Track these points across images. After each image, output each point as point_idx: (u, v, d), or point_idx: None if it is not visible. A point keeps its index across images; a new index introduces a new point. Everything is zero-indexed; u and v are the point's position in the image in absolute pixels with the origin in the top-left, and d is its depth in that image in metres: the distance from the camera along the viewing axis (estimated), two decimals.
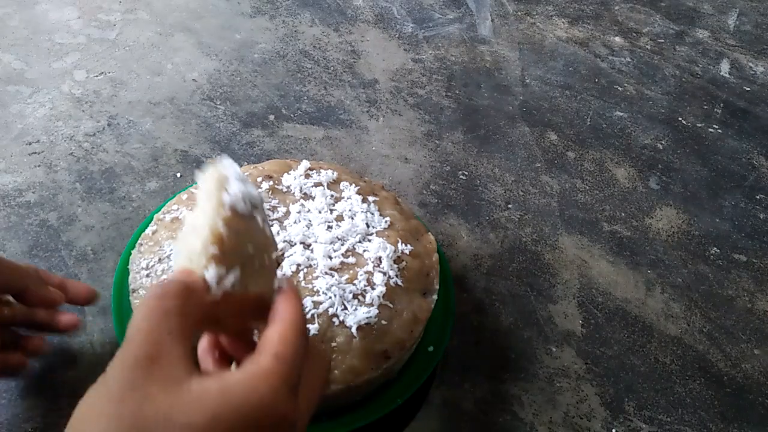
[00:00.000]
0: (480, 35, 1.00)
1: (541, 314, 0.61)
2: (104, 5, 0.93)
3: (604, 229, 0.71)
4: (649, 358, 0.59)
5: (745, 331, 0.63)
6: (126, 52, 0.85)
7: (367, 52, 0.92)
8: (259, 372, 0.25)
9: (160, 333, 0.24)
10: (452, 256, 0.65)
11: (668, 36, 1.06)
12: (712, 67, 1.00)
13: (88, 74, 0.81)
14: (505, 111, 0.86)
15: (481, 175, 0.75)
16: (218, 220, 0.29)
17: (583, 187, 0.76)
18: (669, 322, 0.63)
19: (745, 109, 0.92)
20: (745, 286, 0.67)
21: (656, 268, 0.68)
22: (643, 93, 0.92)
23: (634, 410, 0.55)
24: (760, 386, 0.58)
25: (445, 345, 0.52)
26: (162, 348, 0.24)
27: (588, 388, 0.56)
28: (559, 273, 0.65)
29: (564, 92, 0.91)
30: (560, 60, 0.97)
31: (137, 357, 0.24)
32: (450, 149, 0.78)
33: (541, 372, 0.56)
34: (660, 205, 0.75)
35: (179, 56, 0.86)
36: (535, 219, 0.71)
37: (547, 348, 0.58)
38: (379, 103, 0.84)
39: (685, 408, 0.56)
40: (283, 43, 0.91)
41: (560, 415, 0.53)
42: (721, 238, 0.72)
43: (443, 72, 0.91)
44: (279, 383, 0.25)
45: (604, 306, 0.63)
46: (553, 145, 0.81)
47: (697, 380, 0.58)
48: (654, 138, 0.85)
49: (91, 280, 0.57)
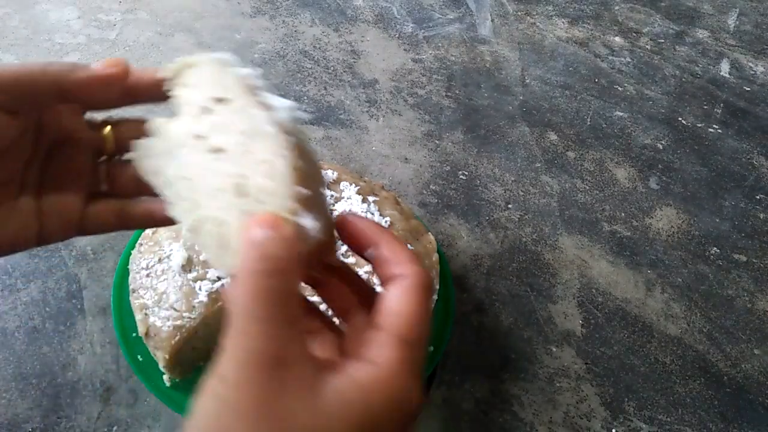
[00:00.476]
0: (480, 35, 1.00)
1: (541, 314, 0.61)
2: (104, 5, 0.93)
3: (604, 229, 0.71)
4: (649, 358, 0.59)
5: (745, 331, 0.63)
6: (126, 52, 0.85)
7: (367, 52, 0.92)
8: (393, 365, 0.22)
9: (281, 324, 0.20)
10: (452, 256, 0.65)
11: (668, 36, 1.05)
12: (712, 67, 0.99)
13: None
14: (505, 111, 0.86)
15: (481, 175, 0.75)
16: (287, 146, 0.22)
17: (583, 187, 0.76)
18: (669, 322, 0.63)
19: (745, 109, 0.92)
20: (745, 286, 0.67)
21: (656, 268, 0.68)
22: (643, 93, 0.92)
23: (634, 410, 0.55)
24: (760, 386, 0.58)
25: (445, 345, 0.52)
26: (287, 344, 0.20)
27: (588, 388, 0.56)
28: (559, 273, 0.65)
29: (564, 92, 0.91)
30: (560, 60, 0.97)
31: (262, 358, 0.20)
32: (450, 149, 0.78)
33: (541, 372, 0.56)
34: (660, 205, 0.75)
35: (179, 56, 0.86)
36: (535, 219, 0.71)
37: (547, 348, 0.58)
38: (379, 103, 0.84)
39: (685, 408, 0.56)
40: (283, 43, 0.91)
41: (560, 415, 0.53)
42: (721, 238, 0.72)
43: (443, 72, 0.91)
44: (411, 373, 0.23)
45: (604, 306, 0.63)
46: (553, 145, 0.81)
47: (697, 380, 0.58)
48: (654, 138, 0.85)
49: (91, 280, 0.57)
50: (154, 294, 0.48)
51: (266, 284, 0.20)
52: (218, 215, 0.23)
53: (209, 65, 0.26)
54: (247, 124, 0.23)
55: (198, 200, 0.24)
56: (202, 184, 0.24)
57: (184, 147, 0.25)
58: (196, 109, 0.25)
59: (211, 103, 0.25)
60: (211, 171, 0.23)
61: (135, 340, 0.49)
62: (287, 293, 0.21)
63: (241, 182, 0.22)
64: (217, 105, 0.25)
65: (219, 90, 0.25)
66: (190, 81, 0.26)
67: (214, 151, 0.24)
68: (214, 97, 0.25)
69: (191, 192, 0.24)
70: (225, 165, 0.23)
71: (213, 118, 0.24)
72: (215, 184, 0.23)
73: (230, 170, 0.23)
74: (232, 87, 0.24)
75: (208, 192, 0.23)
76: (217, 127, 0.24)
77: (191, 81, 0.26)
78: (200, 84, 0.25)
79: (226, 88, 0.24)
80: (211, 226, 0.23)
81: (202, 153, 0.24)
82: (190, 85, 0.26)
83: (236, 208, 0.22)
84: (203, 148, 0.24)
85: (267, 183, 0.22)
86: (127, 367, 0.52)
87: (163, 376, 0.48)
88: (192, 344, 0.48)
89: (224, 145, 0.24)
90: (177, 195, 0.25)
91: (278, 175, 0.22)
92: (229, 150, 0.23)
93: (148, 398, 0.51)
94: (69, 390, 0.49)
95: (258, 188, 0.22)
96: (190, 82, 0.26)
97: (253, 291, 0.20)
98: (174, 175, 0.25)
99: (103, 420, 0.49)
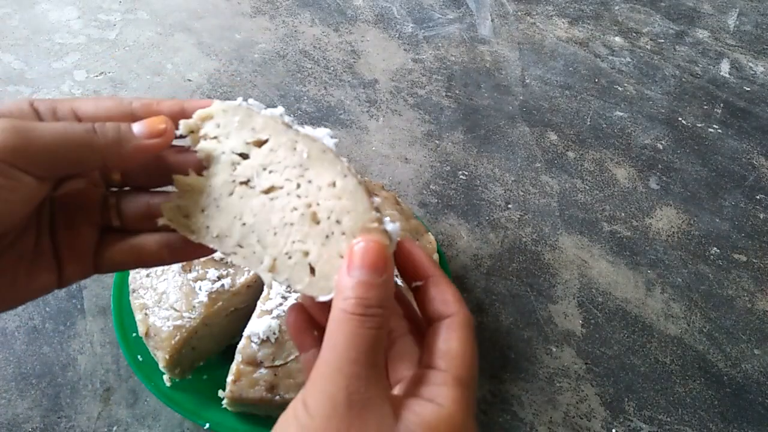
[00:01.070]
0: (480, 35, 1.00)
1: (541, 314, 0.61)
2: (104, 5, 0.93)
3: (604, 229, 0.71)
4: (649, 358, 0.59)
5: (745, 331, 0.63)
6: (126, 52, 0.85)
7: (367, 52, 0.92)
8: (454, 405, 0.24)
9: (371, 366, 0.22)
10: (452, 256, 0.65)
11: (668, 36, 1.05)
12: (712, 67, 0.99)
13: (88, 74, 0.81)
14: (505, 111, 0.86)
15: (481, 175, 0.75)
16: (346, 165, 0.23)
17: (583, 187, 0.76)
18: (669, 322, 0.63)
19: (745, 109, 0.92)
20: (745, 286, 0.67)
21: (656, 268, 0.68)
22: (643, 93, 0.92)
23: (634, 410, 0.55)
24: (760, 386, 0.58)
25: None
26: (373, 385, 0.22)
27: (588, 388, 0.56)
28: (559, 273, 0.65)
29: (564, 92, 0.91)
30: (560, 60, 0.97)
31: (351, 397, 0.21)
32: (450, 149, 0.78)
33: (541, 372, 0.56)
34: (660, 205, 0.75)
35: (179, 56, 0.86)
36: (535, 219, 0.71)
37: (547, 348, 0.58)
38: (379, 103, 0.84)
39: (685, 408, 0.56)
40: (283, 43, 0.91)
41: (560, 415, 0.53)
42: (721, 238, 0.72)
43: (443, 72, 0.91)
44: (470, 411, 0.25)
45: (604, 306, 0.63)
46: (553, 145, 0.81)
47: (697, 380, 0.58)
48: (654, 138, 0.85)
49: (91, 280, 0.57)
50: (154, 294, 0.48)
51: (364, 331, 0.22)
52: (299, 247, 0.24)
53: (227, 112, 0.26)
54: (296, 157, 0.24)
55: (267, 241, 0.24)
56: (265, 225, 0.24)
57: (230, 196, 0.25)
58: (231, 156, 0.25)
59: (247, 147, 0.25)
60: (271, 211, 0.24)
61: (135, 340, 0.49)
62: (380, 338, 0.23)
63: (311, 210, 0.23)
64: (254, 149, 0.25)
65: (250, 133, 0.25)
66: (213, 132, 0.26)
67: (267, 191, 0.24)
68: (248, 142, 0.25)
69: (257, 236, 0.25)
70: (285, 201, 0.24)
71: (253, 161, 0.25)
72: (281, 221, 0.24)
73: (294, 203, 0.24)
74: (263, 127, 0.25)
75: (276, 230, 0.24)
76: (262, 168, 0.25)
77: (215, 131, 0.26)
78: (227, 132, 0.25)
79: (258, 130, 0.25)
80: (296, 259, 0.24)
81: (256, 197, 0.25)
82: (216, 135, 0.26)
83: (315, 236, 0.23)
84: (255, 191, 0.25)
85: (341, 202, 0.23)
86: (127, 367, 0.52)
87: (163, 376, 0.48)
88: (192, 344, 0.48)
89: (276, 182, 0.24)
90: (238, 243, 0.25)
91: (349, 192, 0.23)
92: (284, 186, 0.24)
93: (148, 398, 0.51)
94: (69, 390, 0.49)
95: (331, 210, 0.23)
96: (214, 133, 0.26)
97: (351, 335, 0.22)
98: (227, 226, 0.25)
99: (103, 420, 0.49)
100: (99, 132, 0.25)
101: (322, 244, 0.23)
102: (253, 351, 0.46)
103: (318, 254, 0.23)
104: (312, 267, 0.24)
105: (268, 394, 0.45)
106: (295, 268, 0.24)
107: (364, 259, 0.22)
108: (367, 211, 0.23)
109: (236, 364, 0.46)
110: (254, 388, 0.45)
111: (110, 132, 0.25)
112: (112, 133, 0.25)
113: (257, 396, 0.45)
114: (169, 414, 0.50)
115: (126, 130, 0.25)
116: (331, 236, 0.23)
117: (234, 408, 0.47)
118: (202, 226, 0.26)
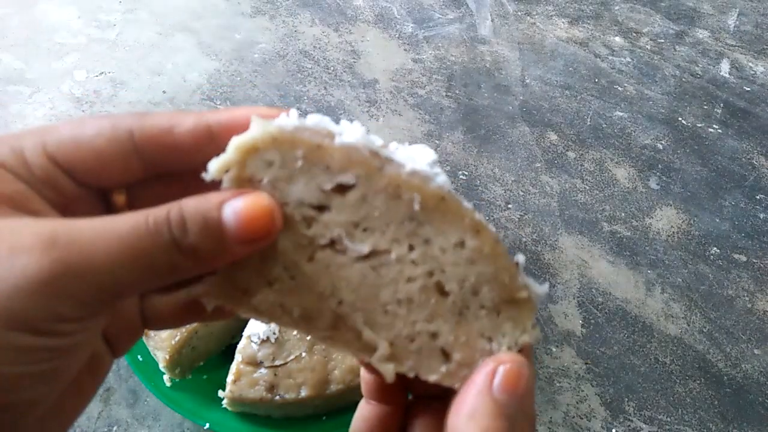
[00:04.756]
0: (480, 35, 1.00)
1: (541, 314, 0.61)
2: (104, 5, 0.93)
3: (604, 229, 0.71)
4: (649, 358, 0.59)
5: (745, 331, 0.63)
6: (126, 52, 0.85)
7: (367, 52, 0.92)
8: None
9: None
10: None
11: (668, 36, 1.05)
12: (712, 67, 0.99)
13: (88, 74, 0.81)
14: (505, 111, 0.86)
15: (481, 175, 0.75)
16: (473, 214, 0.19)
17: (583, 187, 0.76)
18: (669, 322, 0.63)
19: (745, 109, 0.92)
20: (745, 286, 0.67)
21: (656, 268, 0.68)
22: (643, 93, 0.92)
23: (634, 410, 0.55)
24: (760, 386, 0.58)
25: None
26: None
27: (588, 388, 0.56)
28: (559, 273, 0.65)
29: (564, 92, 0.91)
30: (560, 60, 0.97)
31: None
32: (450, 149, 0.78)
33: (541, 372, 0.56)
34: (660, 205, 0.75)
35: (179, 56, 0.86)
36: (535, 219, 0.71)
37: (547, 348, 0.58)
38: (379, 103, 0.83)
39: (685, 408, 0.56)
40: (283, 43, 0.91)
41: (560, 415, 0.53)
42: (721, 238, 0.72)
43: (443, 72, 0.91)
44: None
45: (604, 306, 0.63)
46: (553, 145, 0.81)
47: (697, 380, 0.58)
48: (654, 138, 0.85)
49: None
50: None
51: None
52: (423, 328, 0.19)
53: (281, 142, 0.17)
54: (402, 208, 0.18)
55: (377, 322, 0.19)
56: (371, 302, 0.19)
57: (310, 263, 0.18)
58: (302, 211, 0.18)
59: (324, 197, 0.18)
60: (379, 284, 0.18)
61: None
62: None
63: (434, 280, 0.18)
64: (335, 197, 0.18)
65: (325, 175, 0.17)
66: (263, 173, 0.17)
67: (367, 257, 0.18)
68: (325, 189, 0.18)
69: (362, 316, 0.19)
70: (396, 269, 0.18)
71: (336, 216, 0.18)
72: (393, 296, 0.19)
73: (409, 272, 0.18)
74: (344, 164, 0.17)
75: (389, 308, 0.19)
76: (353, 225, 0.18)
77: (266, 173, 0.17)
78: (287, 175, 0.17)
79: (336, 170, 0.17)
80: (420, 343, 0.19)
81: (351, 265, 0.18)
82: (271, 179, 0.18)
83: (444, 313, 0.18)
84: (348, 258, 0.18)
85: (476, 268, 0.18)
86: (127, 367, 0.52)
87: (163, 376, 0.48)
88: (192, 344, 0.48)
89: (379, 245, 0.18)
90: (332, 325, 0.19)
91: (485, 256, 0.18)
92: (391, 249, 0.18)
93: (148, 398, 0.51)
94: None
95: (463, 279, 0.18)
96: (266, 176, 0.17)
97: None
98: (314, 305, 0.19)
99: (103, 420, 0.49)
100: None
101: (456, 323, 0.18)
102: (253, 351, 0.46)
103: (451, 336, 0.19)
104: (445, 351, 0.19)
105: (268, 394, 0.45)
106: (423, 354, 0.19)
107: (504, 382, 0.18)
108: (513, 278, 0.18)
109: (236, 364, 0.46)
110: (254, 388, 0.45)
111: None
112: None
113: (257, 396, 0.45)
114: (169, 414, 0.50)
115: (215, 227, 0.17)
116: (466, 312, 0.18)
117: (234, 408, 0.47)
118: (274, 306, 0.19)
